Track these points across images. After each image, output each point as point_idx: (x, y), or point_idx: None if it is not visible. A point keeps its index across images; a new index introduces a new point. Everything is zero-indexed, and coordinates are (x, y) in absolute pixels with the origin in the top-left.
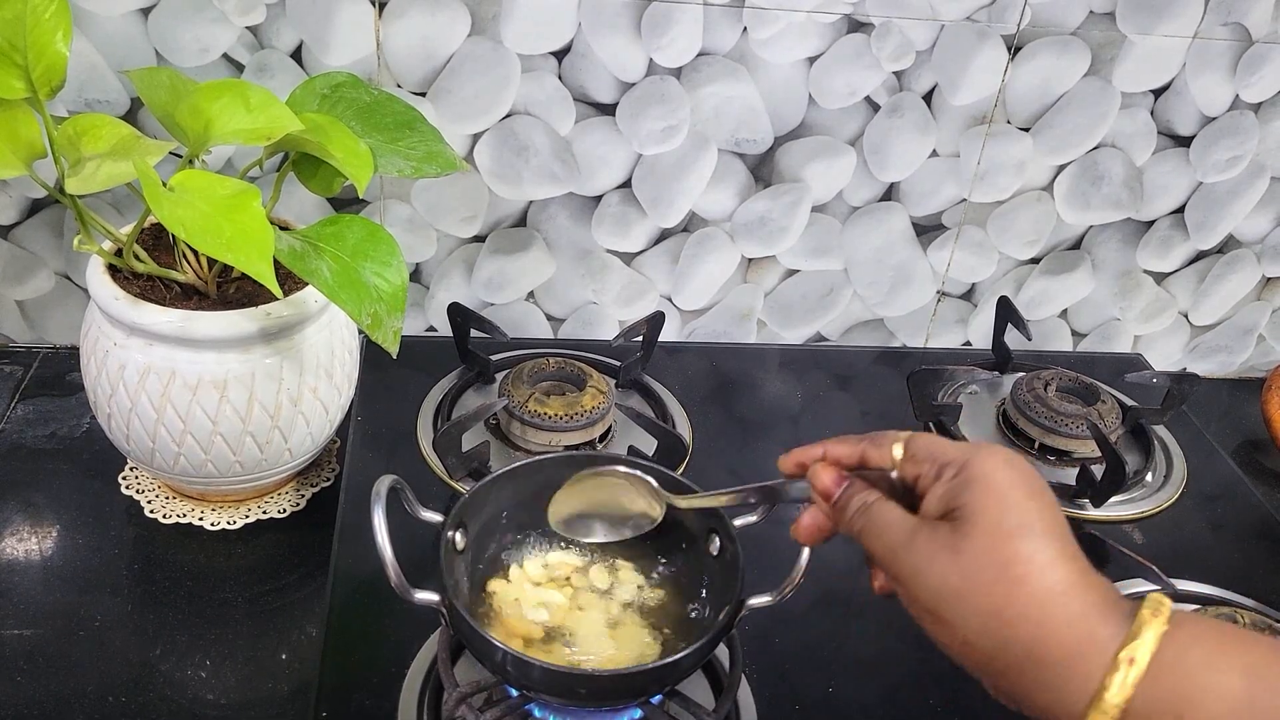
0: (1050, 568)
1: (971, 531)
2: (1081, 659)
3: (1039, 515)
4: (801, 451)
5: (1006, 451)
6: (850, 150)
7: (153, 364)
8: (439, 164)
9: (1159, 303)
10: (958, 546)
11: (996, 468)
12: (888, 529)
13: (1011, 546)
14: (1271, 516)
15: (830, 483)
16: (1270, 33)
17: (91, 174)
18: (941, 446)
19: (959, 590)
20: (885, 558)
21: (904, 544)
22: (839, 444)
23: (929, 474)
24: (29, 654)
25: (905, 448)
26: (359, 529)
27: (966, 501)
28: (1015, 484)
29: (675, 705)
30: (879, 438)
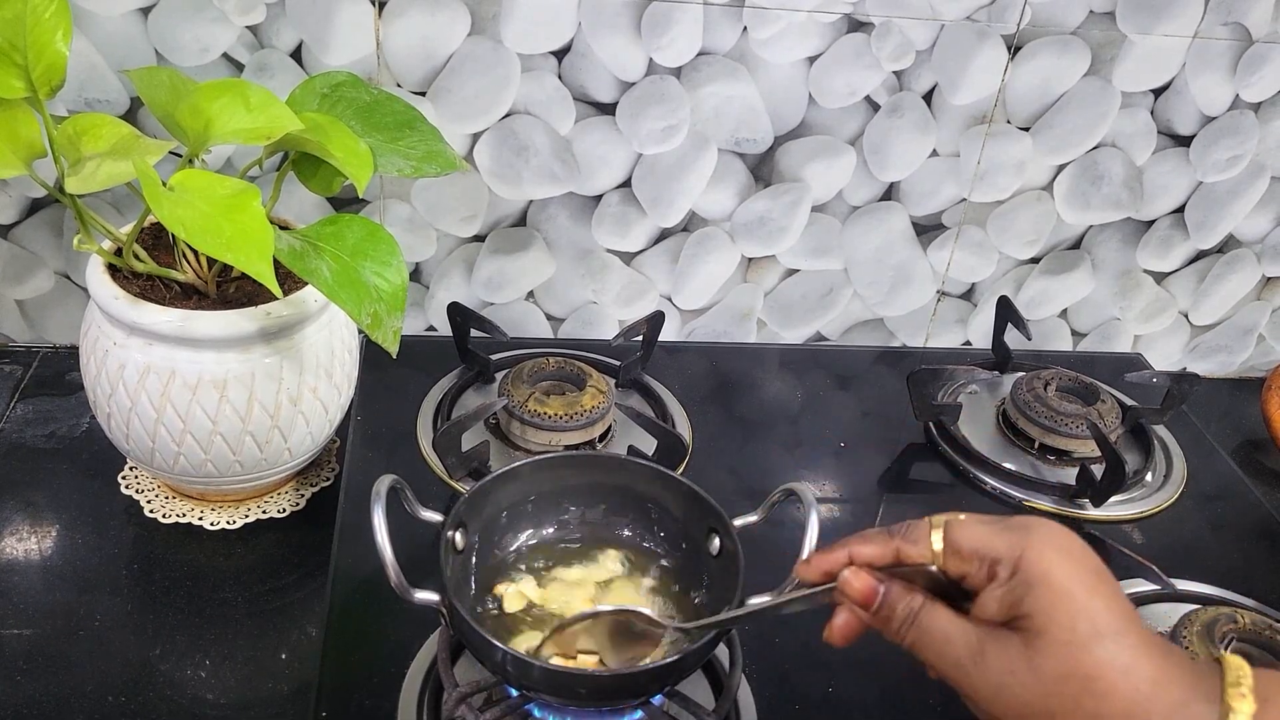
0: (1132, 670)
1: (1046, 645)
2: None
3: (1109, 611)
4: (825, 559)
5: (1057, 536)
6: (850, 150)
7: (152, 364)
8: (439, 164)
9: (1159, 302)
10: (1034, 662)
11: (1053, 564)
12: (948, 645)
13: (1091, 657)
14: (1271, 516)
15: (866, 590)
16: (1270, 33)
17: (91, 173)
18: (985, 539)
19: (1044, 710)
20: (951, 674)
21: (973, 662)
22: (865, 543)
23: (978, 573)
24: (29, 654)
25: (945, 542)
26: (359, 529)
27: (1031, 611)
28: (1077, 579)
29: (675, 705)
30: (912, 531)
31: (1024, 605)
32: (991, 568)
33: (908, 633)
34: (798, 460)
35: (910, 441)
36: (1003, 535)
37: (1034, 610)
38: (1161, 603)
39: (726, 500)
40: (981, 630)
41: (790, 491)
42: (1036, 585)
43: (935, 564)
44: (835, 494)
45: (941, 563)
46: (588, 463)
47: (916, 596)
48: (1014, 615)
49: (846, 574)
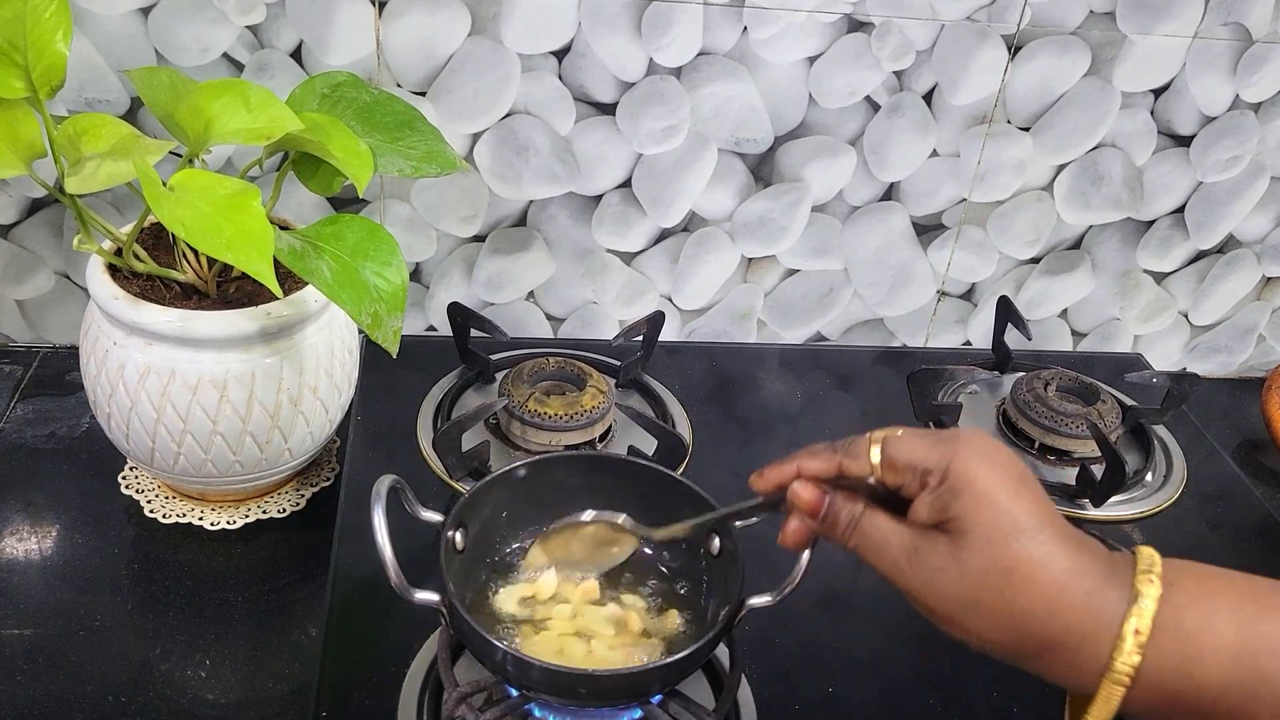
0: (1050, 561)
1: (970, 543)
2: (1093, 638)
3: (1028, 510)
4: (775, 470)
5: (981, 443)
6: (850, 150)
7: (152, 363)
8: (439, 163)
9: (1159, 303)
10: (961, 559)
11: (979, 471)
12: (885, 545)
13: (1010, 551)
14: (1271, 516)
15: (812, 501)
16: (1270, 33)
17: (91, 173)
18: (918, 449)
19: (971, 600)
20: (889, 573)
21: (907, 561)
22: (812, 458)
23: (911, 482)
24: (29, 654)
25: (882, 454)
26: (359, 529)
27: (958, 513)
28: (1000, 483)
29: (675, 705)
30: (852, 446)
31: (951, 509)
32: (923, 477)
33: (850, 537)
34: None
35: None
36: (934, 448)
37: (960, 513)
38: None
39: (726, 500)
40: (915, 532)
41: None
42: (962, 491)
43: (874, 476)
44: None
45: (879, 475)
46: (588, 463)
47: (858, 504)
48: (943, 518)
49: (795, 486)
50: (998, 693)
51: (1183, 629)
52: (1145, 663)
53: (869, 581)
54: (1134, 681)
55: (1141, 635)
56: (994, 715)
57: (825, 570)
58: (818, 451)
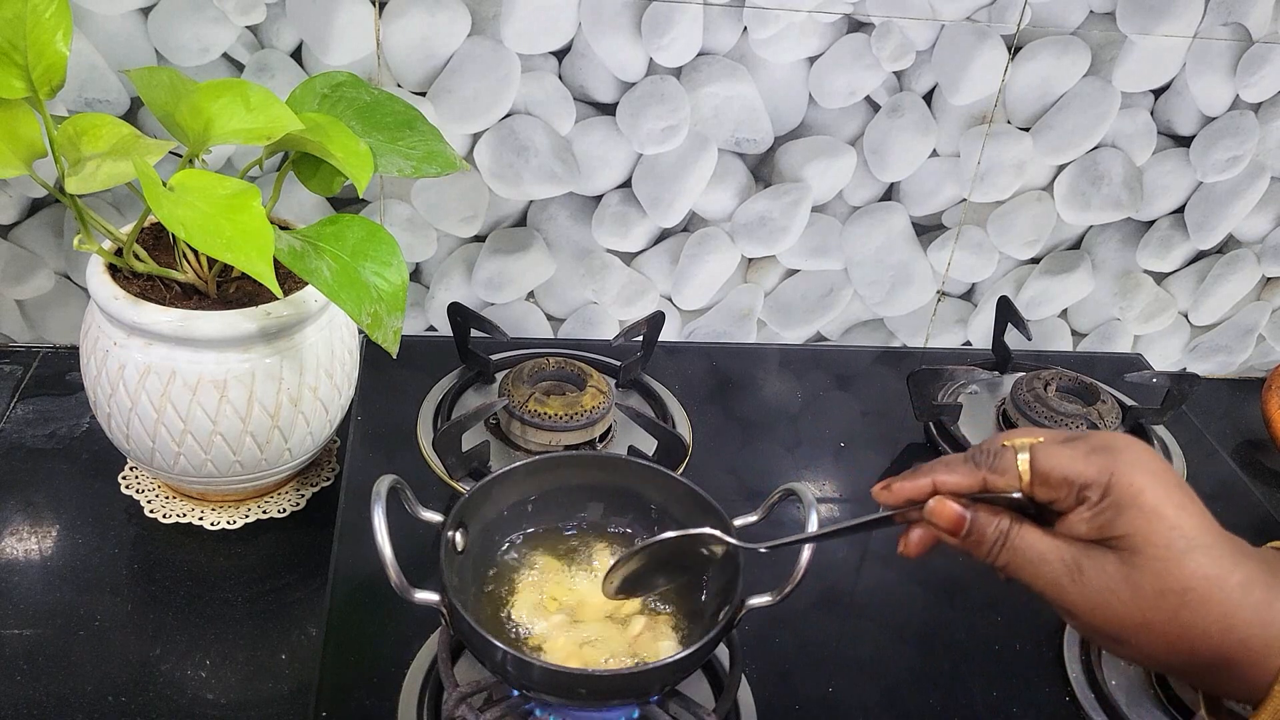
0: (1223, 579)
1: (1141, 563)
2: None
3: (1196, 525)
4: (907, 486)
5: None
6: (850, 150)
7: (152, 364)
8: (439, 164)
9: (1159, 303)
10: (1132, 580)
11: (1144, 486)
12: (1043, 565)
13: (1186, 570)
14: (1271, 516)
15: (954, 518)
16: (1270, 33)
17: (91, 174)
18: (1074, 462)
19: (1144, 623)
20: (1048, 591)
21: (1070, 580)
22: (950, 471)
23: (1067, 498)
24: (29, 654)
25: (1033, 468)
26: (359, 529)
27: (1126, 530)
28: (1166, 498)
29: (675, 705)
30: (998, 461)
31: (1117, 526)
32: (1081, 492)
33: (1000, 554)
34: (798, 460)
35: (910, 441)
36: (1089, 459)
37: (1129, 530)
38: None
39: (726, 500)
40: (1076, 548)
41: (790, 491)
42: (1128, 507)
43: (1022, 491)
44: (835, 494)
45: (1029, 490)
46: (588, 463)
47: (1004, 519)
48: (1108, 535)
49: (933, 504)
50: (998, 693)
51: None
52: None
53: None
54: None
55: None
56: (994, 715)
57: (825, 570)
58: (954, 464)
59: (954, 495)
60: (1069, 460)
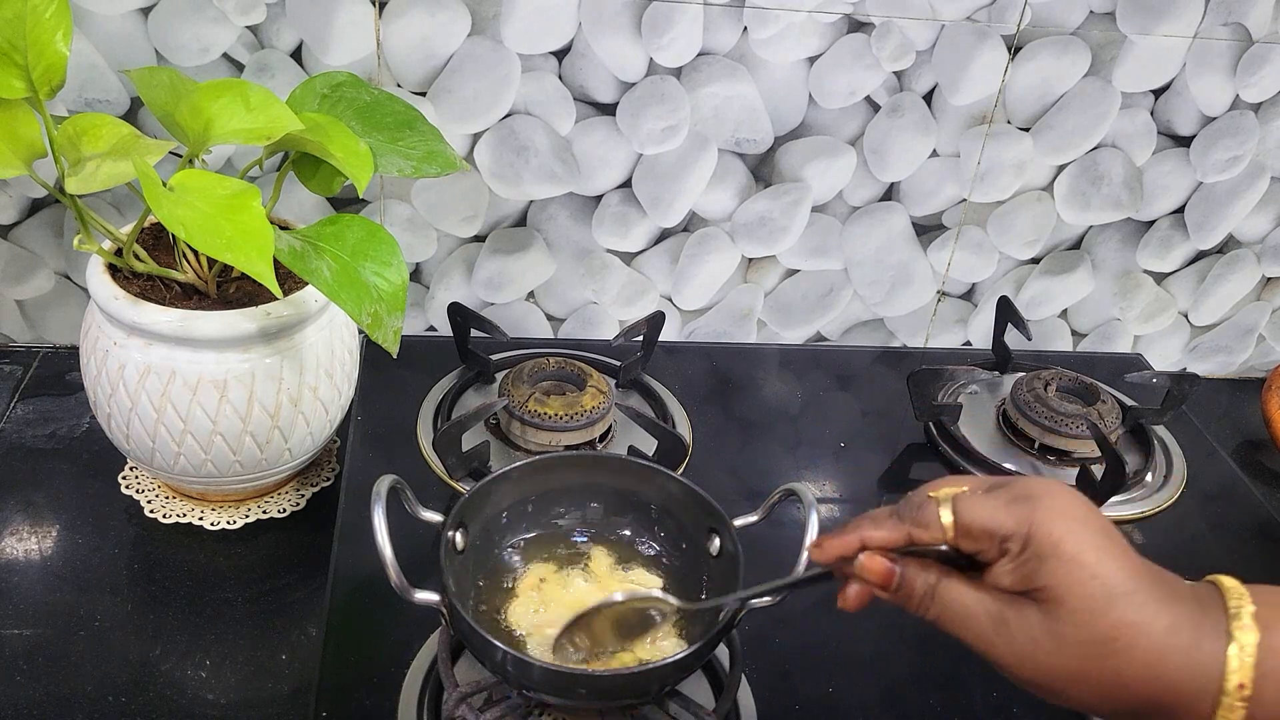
0: (1149, 625)
1: (1064, 614)
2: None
3: (1117, 570)
4: (837, 544)
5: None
6: (850, 150)
7: (152, 364)
8: (439, 164)
9: (1159, 303)
10: (1055, 631)
11: (1063, 534)
12: (969, 619)
13: (1109, 619)
14: (1271, 516)
15: (883, 573)
16: (1270, 33)
17: (91, 174)
18: (994, 514)
19: (1074, 673)
20: (977, 645)
21: (996, 633)
22: (876, 527)
23: (990, 549)
24: (29, 654)
25: (955, 520)
26: (359, 529)
27: (1046, 582)
28: (1086, 544)
29: (675, 705)
30: (920, 514)
31: (1039, 577)
32: (1002, 544)
33: (930, 608)
34: (798, 460)
35: (910, 441)
36: (1009, 509)
37: (1050, 581)
38: None
39: (726, 500)
40: (1000, 601)
41: (790, 491)
42: (1048, 558)
43: (947, 544)
44: (835, 494)
45: (954, 542)
46: (588, 463)
47: (932, 572)
48: (1029, 587)
49: (862, 559)
50: (998, 693)
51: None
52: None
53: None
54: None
55: (1246, 689)
56: (994, 715)
57: None
58: (880, 520)
59: (884, 550)
60: (990, 512)
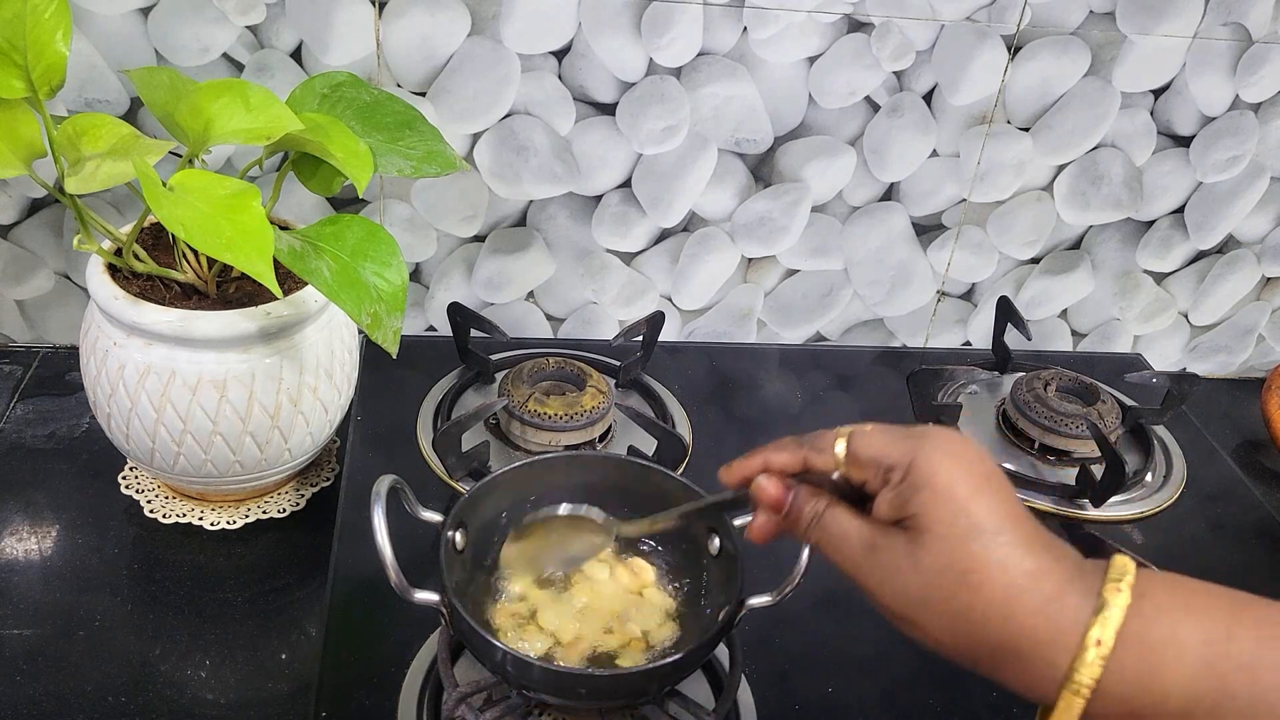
0: (1006, 564)
1: (927, 541)
2: (1051, 645)
3: (989, 510)
4: (742, 464)
5: (948, 441)
6: (850, 150)
7: (152, 364)
8: (439, 164)
9: (1159, 303)
10: (916, 557)
11: (940, 468)
12: (844, 541)
13: (966, 550)
14: (1271, 516)
15: (776, 495)
16: (1270, 33)
17: (91, 173)
18: (882, 445)
19: (924, 599)
20: (847, 569)
21: (864, 557)
22: (779, 451)
23: (875, 478)
24: (29, 654)
25: (847, 450)
26: (359, 529)
27: (916, 510)
28: (960, 481)
29: (675, 705)
30: (819, 440)
31: (910, 506)
32: (886, 473)
33: (812, 532)
34: None
35: None
36: (898, 443)
37: (919, 510)
38: None
39: None
40: (875, 528)
41: None
42: (922, 488)
43: (838, 471)
44: None
45: (844, 470)
46: (588, 463)
47: (821, 500)
48: (902, 515)
49: (759, 479)
50: (997, 693)
51: (1147, 641)
52: (1107, 674)
53: None
54: (1094, 693)
55: (1104, 646)
56: (994, 715)
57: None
58: (784, 445)
59: (782, 475)
60: (879, 444)
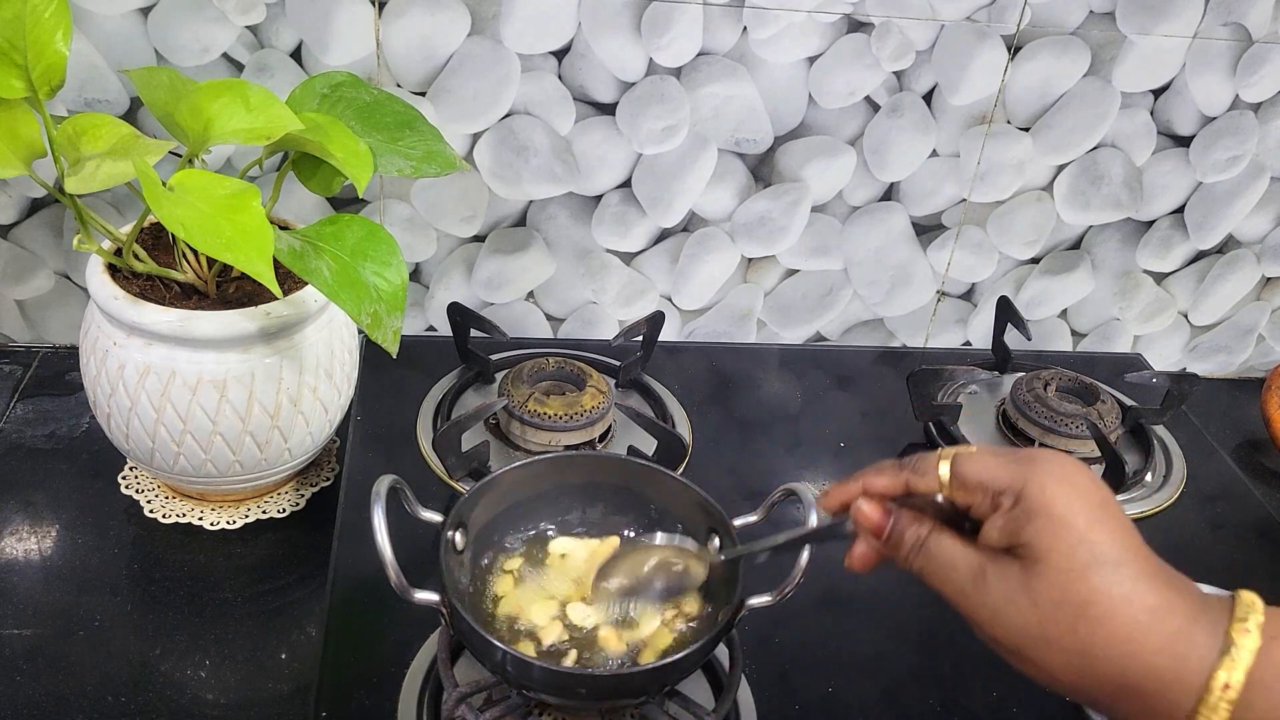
0: (1129, 599)
1: (1044, 571)
2: (1176, 686)
3: (1110, 541)
4: (841, 490)
5: (1061, 466)
6: (850, 150)
7: (152, 364)
8: (439, 163)
9: (1159, 303)
10: (1032, 588)
11: (1056, 494)
12: (952, 570)
13: (1087, 584)
14: (1271, 516)
15: (877, 519)
16: (1270, 33)
17: (91, 173)
18: (991, 469)
19: (1041, 635)
20: (955, 599)
21: (974, 586)
22: (878, 475)
23: (983, 503)
24: (29, 654)
25: (952, 472)
26: (359, 529)
27: (1031, 539)
28: (1078, 510)
29: (675, 705)
30: (921, 463)
31: (1024, 534)
32: (995, 498)
33: (915, 559)
34: (798, 460)
35: (910, 441)
36: (1008, 467)
37: (1033, 539)
38: None
39: (726, 500)
40: (984, 556)
41: (790, 491)
42: (1037, 515)
43: (942, 494)
44: None
45: (948, 493)
46: (588, 463)
47: (924, 525)
48: (1015, 543)
49: (859, 504)
50: (997, 693)
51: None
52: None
53: (869, 581)
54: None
55: (1232, 690)
56: (994, 715)
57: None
58: (884, 468)
59: (882, 499)
60: (987, 467)
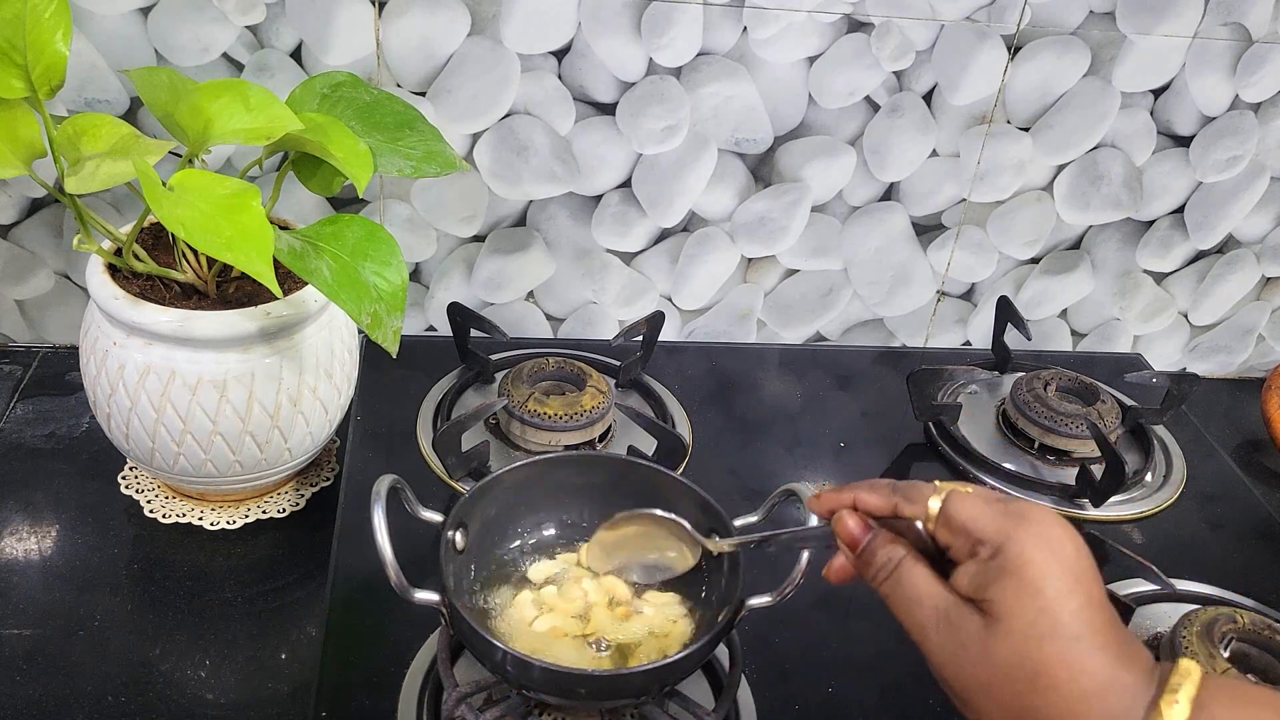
0: (1081, 674)
1: (1003, 632)
2: None
3: (1074, 613)
4: (832, 496)
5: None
6: (850, 150)
7: (152, 364)
8: (439, 163)
9: (1159, 303)
10: (988, 645)
11: (1032, 559)
12: (917, 605)
13: (1041, 652)
14: (1271, 516)
15: (854, 532)
16: (1270, 33)
17: (91, 173)
18: (977, 516)
19: (987, 691)
20: (913, 632)
21: (934, 626)
22: (871, 492)
23: (962, 547)
24: (29, 654)
25: (942, 509)
26: (359, 529)
27: (997, 597)
28: (1052, 577)
29: (675, 705)
30: (914, 491)
31: (992, 590)
32: (975, 545)
33: (884, 581)
34: (798, 460)
35: (910, 441)
36: (995, 519)
37: (999, 597)
38: (1161, 603)
39: (726, 500)
40: (951, 600)
41: (790, 492)
42: (1009, 574)
43: (925, 525)
44: None
45: (932, 527)
46: (588, 463)
47: (899, 549)
48: (981, 597)
49: (841, 514)
50: None
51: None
52: None
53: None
54: None
55: None
56: None
57: None
58: (878, 487)
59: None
60: (975, 512)
